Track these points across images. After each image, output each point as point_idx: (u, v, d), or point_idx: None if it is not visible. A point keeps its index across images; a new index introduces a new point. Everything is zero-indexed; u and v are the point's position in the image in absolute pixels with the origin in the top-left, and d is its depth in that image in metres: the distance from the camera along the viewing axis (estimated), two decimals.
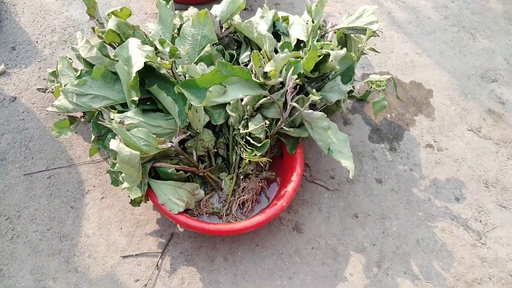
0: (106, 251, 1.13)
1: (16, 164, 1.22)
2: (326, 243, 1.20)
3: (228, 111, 1.12)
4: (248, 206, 1.14)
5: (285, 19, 1.25)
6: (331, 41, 1.25)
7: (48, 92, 1.29)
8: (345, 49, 1.14)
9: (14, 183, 1.19)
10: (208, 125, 1.15)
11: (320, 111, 1.05)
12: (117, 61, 1.01)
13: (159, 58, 0.99)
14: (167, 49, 0.95)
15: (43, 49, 1.46)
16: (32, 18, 1.53)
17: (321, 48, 1.08)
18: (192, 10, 1.29)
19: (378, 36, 1.30)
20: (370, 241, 1.21)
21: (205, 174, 1.14)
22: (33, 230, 1.14)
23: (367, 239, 1.22)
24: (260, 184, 1.15)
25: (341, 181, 1.31)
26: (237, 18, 1.22)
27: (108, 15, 1.05)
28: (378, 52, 1.27)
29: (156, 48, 1.10)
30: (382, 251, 1.20)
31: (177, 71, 1.08)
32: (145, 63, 0.96)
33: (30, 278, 1.07)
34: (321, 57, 1.07)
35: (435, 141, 1.42)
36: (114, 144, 0.90)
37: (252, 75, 0.97)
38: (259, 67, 1.00)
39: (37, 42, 1.47)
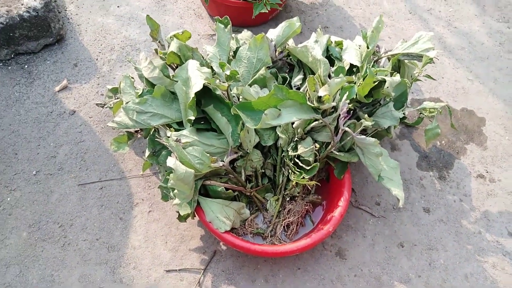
0: (150, 264, 1.15)
1: (71, 174, 1.29)
2: (369, 271, 1.17)
3: (278, 132, 1.13)
4: (293, 228, 1.13)
5: (338, 43, 1.26)
6: (383, 67, 1.25)
7: (106, 107, 1.35)
8: (398, 75, 1.14)
9: (69, 192, 1.25)
10: (257, 146, 1.16)
11: (370, 136, 1.04)
12: (176, 81, 1.05)
13: (218, 80, 1.02)
14: (227, 72, 0.98)
15: (102, 66, 1.54)
16: (94, 37, 1.62)
17: (376, 74, 1.08)
18: (246, 34, 1.32)
19: (434, 63, 1.28)
20: (415, 272, 1.17)
21: (252, 194, 1.15)
22: (83, 239, 1.18)
23: (412, 270, 1.17)
24: (306, 207, 1.15)
25: (387, 208, 1.28)
26: (290, 42, 1.24)
27: (170, 37, 1.10)
28: (434, 79, 1.26)
29: (212, 70, 1.13)
30: (428, 284, 1.15)
31: (231, 92, 1.11)
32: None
33: (78, 285, 1.11)
34: (376, 83, 1.07)
35: (487, 172, 1.37)
36: (171, 161, 0.93)
37: (306, 99, 0.98)
38: (314, 91, 1.01)
39: (97, 59, 1.56)
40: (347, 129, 1.03)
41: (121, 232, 1.20)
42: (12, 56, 1.52)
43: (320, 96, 1.01)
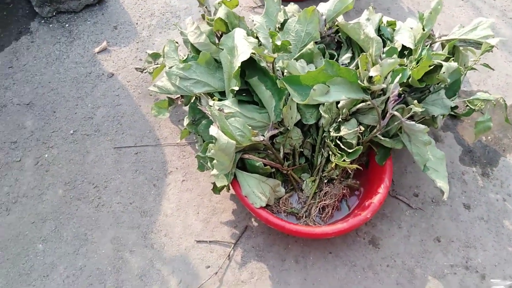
0: (181, 233, 1.15)
1: (108, 136, 1.28)
2: (403, 262, 1.13)
3: (321, 111, 1.09)
4: (328, 211, 1.10)
5: (391, 24, 1.20)
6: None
7: (145, 72, 1.34)
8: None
9: (105, 154, 1.25)
10: (297, 124, 1.13)
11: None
12: (222, 49, 1.02)
13: (266, 51, 0.98)
14: (278, 42, 0.94)
15: (142, 31, 1.52)
16: (134, 1, 1.60)
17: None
18: (293, 7, 1.27)
19: (492, 51, 1.20)
20: (451, 269, 1.13)
21: (288, 173, 1.12)
22: (117, 201, 1.18)
23: (448, 267, 1.13)
24: (343, 191, 1.11)
25: (425, 200, 1.24)
26: (340, 18, 1.19)
27: (218, 3, 1.06)
28: (491, 68, 1.18)
29: (258, 41, 1.09)
30: (463, 282, 1.11)
31: (276, 65, 1.07)
32: None
33: (110, 247, 1.12)
34: (431, 67, 1.01)
35: None
36: (214, 130, 0.91)
37: (357, 78, 0.94)
38: (365, 70, 0.96)
39: (136, 24, 1.54)
40: (396, 113, 0.98)
41: (154, 198, 1.19)
42: (54, 14, 1.52)
43: (371, 77, 0.96)
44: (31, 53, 1.42)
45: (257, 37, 1.11)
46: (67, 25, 1.50)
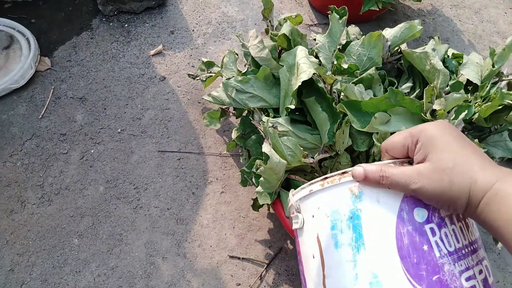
0: (215, 245, 1.13)
1: (153, 139, 1.29)
2: None
3: (374, 139, 1.04)
4: None
5: (456, 56, 1.15)
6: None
7: (197, 79, 1.34)
8: None
9: (148, 157, 1.25)
10: (347, 149, 1.09)
11: None
12: (282, 66, 1.00)
13: (329, 72, 0.95)
14: (345, 65, 0.92)
15: (197, 38, 1.53)
16: (193, 7, 1.62)
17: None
18: (354, 29, 1.24)
19: None
20: None
21: None
22: (155, 205, 1.18)
23: None
24: None
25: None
26: (403, 46, 1.15)
27: (284, 19, 1.05)
28: None
29: (319, 60, 1.07)
30: None
31: (334, 88, 1.04)
32: None
33: (143, 250, 1.11)
34: (500, 107, 0.96)
35: None
36: (267, 148, 0.88)
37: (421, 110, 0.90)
38: (429, 102, 0.92)
39: (193, 30, 1.55)
40: None
41: (191, 207, 1.18)
42: (115, 13, 1.55)
43: (434, 110, 0.92)
44: (90, 49, 1.46)
45: (317, 57, 1.09)
46: (126, 25, 1.54)
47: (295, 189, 1.04)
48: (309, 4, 1.71)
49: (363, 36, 1.07)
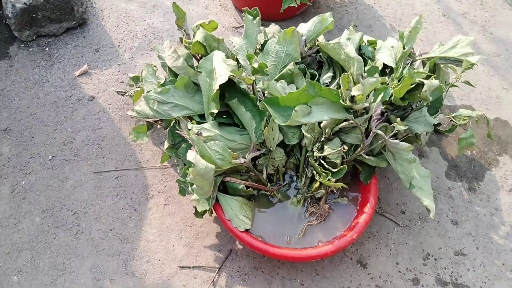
0: (164, 258, 1.12)
1: (88, 161, 1.25)
2: (391, 282, 1.11)
3: (303, 131, 1.08)
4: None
5: (372, 43, 1.20)
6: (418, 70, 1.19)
7: (126, 95, 1.32)
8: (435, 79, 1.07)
9: (84, 180, 1.22)
10: (280, 144, 1.11)
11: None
12: (200, 72, 1.01)
13: (244, 73, 0.97)
14: (255, 65, 0.93)
15: (124, 53, 1.51)
16: (116, 23, 1.59)
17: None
18: (274, 27, 1.27)
19: (472, 69, 1.21)
20: (441, 287, 1.11)
21: (272, 194, 1.10)
22: (96, 228, 1.15)
23: (437, 285, 1.11)
24: (329, 211, 1.09)
25: (412, 217, 1.22)
26: (321, 38, 1.19)
27: (196, 26, 1.06)
28: (472, 85, 1.19)
29: (238, 62, 1.09)
30: None
31: (256, 87, 1.06)
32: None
33: (89, 276, 1.08)
34: (413, 85, 1.01)
35: None
36: (191, 155, 0.89)
37: (339, 98, 0.93)
38: (347, 89, 0.95)
39: (118, 46, 1.53)
40: (379, 132, 0.98)
41: (135, 224, 1.16)
42: (34, 38, 1.50)
43: (353, 96, 0.96)
44: (9, 77, 1.40)
45: (237, 59, 1.10)
46: (47, 48, 1.49)
47: (232, 191, 1.05)
48: (234, 7, 1.73)
49: (279, 34, 1.10)
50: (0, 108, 1.32)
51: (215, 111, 0.98)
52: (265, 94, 1.08)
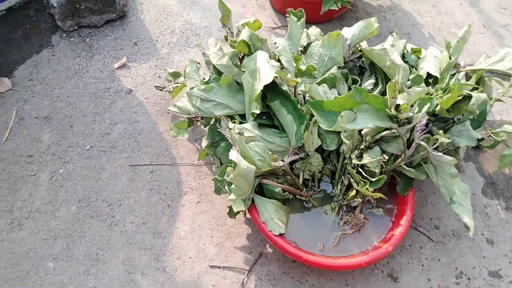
0: (195, 256, 1.12)
1: (124, 153, 1.27)
2: None
3: (342, 137, 1.06)
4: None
5: (415, 51, 1.18)
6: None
7: (164, 91, 1.33)
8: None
9: (120, 172, 1.24)
10: (317, 149, 1.10)
11: None
12: (244, 72, 1.01)
13: (289, 75, 0.96)
14: (303, 67, 0.93)
15: (161, 48, 1.52)
16: (155, 17, 1.60)
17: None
18: (315, 30, 1.26)
19: None
20: None
21: (307, 199, 1.09)
22: (130, 221, 1.16)
23: None
24: (364, 220, 1.08)
25: (446, 233, 1.19)
26: (364, 43, 1.17)
27: (242, 25, 1.06)
28: None
29: (280, 64, 1.08)
30: None
31: (298, 89, 1.06)
32: None
33: (121, 268, 1.09)
34: (460, 97, 0.99)
35: None
36: (233, 155, 0.88)
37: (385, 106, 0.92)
38: (392, 98, 0.94)
39: (157, 40, 1.54)
40: (423, 143, 0.96)
41: (168, 219, 1.17)
42: (76, 28, 1.52)
43: (398, 105, 0.94)
44: (51, 66, 1.42)
45: (279, 60, 1.10)
46: (87, 39, 1.51)
47: (268, 194, 1.05)
48: (271, 7, 1.73)
49: (323, 37, 1.09)
50: (42, 95, 1.35)
51: (257, 111, 0.97)
52: (306, 97, 1.07)
